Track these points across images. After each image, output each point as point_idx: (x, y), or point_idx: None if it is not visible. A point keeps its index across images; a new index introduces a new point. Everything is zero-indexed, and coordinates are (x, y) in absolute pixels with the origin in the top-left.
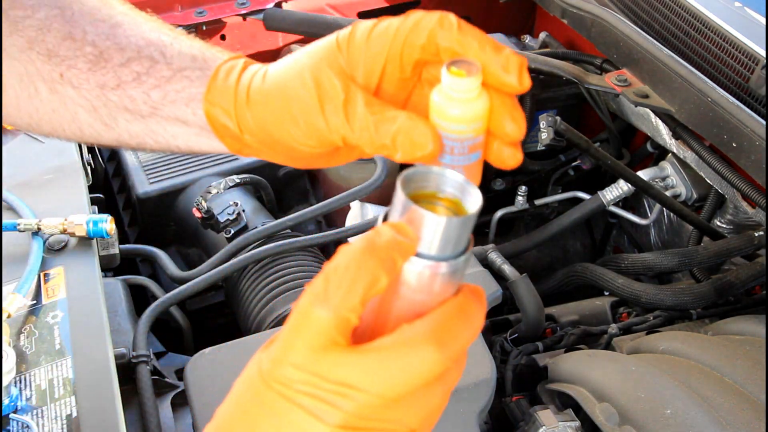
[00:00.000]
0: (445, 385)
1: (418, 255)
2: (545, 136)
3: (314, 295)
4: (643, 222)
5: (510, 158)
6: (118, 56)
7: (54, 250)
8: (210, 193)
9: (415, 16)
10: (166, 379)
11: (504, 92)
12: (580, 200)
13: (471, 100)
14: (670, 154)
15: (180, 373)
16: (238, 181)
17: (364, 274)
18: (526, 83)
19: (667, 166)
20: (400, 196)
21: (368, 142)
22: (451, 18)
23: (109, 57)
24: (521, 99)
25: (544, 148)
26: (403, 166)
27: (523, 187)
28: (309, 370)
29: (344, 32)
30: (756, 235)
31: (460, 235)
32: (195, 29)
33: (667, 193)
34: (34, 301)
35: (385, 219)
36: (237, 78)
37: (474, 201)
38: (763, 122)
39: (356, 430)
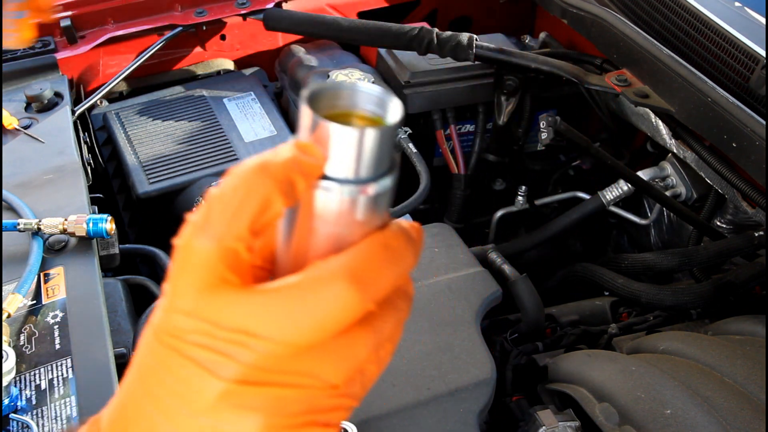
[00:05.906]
0: (374, 333)
1: (331, 179)
2: (545, 136)
3: (194, 224)
4: (643, 222)
5: None
6: None
7: (54, 250)
8: None
9: None
10: None
11: None
12: (580, 200)
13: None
14: (670, 154)
15: None
16: None
17: (252, 197)
18: None
19: (667, 166)
20: (305, 112)
21: None
22: None
23: None
24: (521, 98)
25: (544, 148)
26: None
27: (523, 187)
28: (199, 316)
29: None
30: (756, 235)
31: (381, 153)
32: (195, 29)
33: (667, 193)
34: (34, 301)
35: None
36: None
37: (394, 112)
38: (763, 122)
39: (258, 385)
